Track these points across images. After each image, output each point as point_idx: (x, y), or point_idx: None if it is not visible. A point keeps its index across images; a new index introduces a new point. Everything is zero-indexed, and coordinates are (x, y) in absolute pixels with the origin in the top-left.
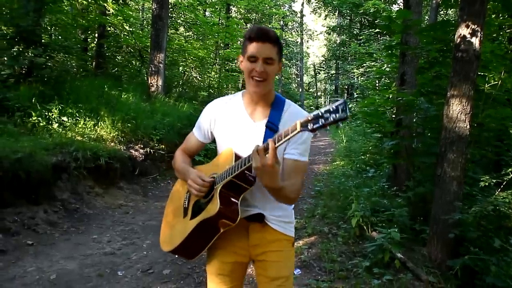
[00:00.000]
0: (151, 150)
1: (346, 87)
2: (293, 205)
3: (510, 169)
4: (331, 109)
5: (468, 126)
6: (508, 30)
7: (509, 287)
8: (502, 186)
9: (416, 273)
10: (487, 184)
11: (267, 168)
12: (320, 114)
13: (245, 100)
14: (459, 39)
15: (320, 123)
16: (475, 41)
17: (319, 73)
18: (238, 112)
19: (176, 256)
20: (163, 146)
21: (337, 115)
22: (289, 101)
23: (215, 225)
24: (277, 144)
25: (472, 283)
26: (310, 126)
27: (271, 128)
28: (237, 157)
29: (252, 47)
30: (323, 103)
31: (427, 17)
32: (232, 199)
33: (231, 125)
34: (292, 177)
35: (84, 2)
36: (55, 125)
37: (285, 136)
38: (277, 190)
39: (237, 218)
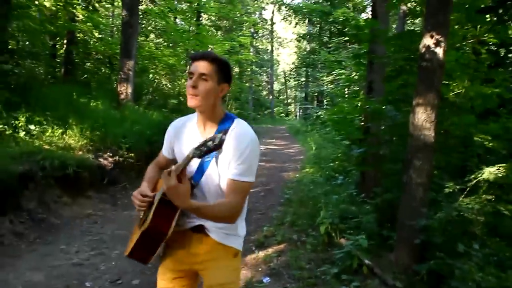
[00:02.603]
0: (120, 159)
1: (316, 94)
2: (241, 218)
3: (473, 176)
4: (211, 139)
5: (433, 134)
6: (471, 41)
7: None
8: (465, 192)
9: (383, 279)
10: (451, 190)
11: (171, 189)
12: (205, 143)
13: (198, 119)
14: (423, 49)
15: (203, 150)
16: (439, 51)
17: (289, 81)
18: (192, 130)
19: (136, 261)
20: (133, 155)
21: (215, 143)
22: (239, 120)
23: (153, 237)
24: (180, 168)
25: (438, 287)
26: (196, 153)
27: None
28: None
29: (192, 65)
30: (293, 110)
31: (395, 26)
32: (168, 214)
33: (184, 142)
34: (228, 196)
35: (53, 8)
36: (22, 134)
37: (182, 162)
38: (194, 210)
39: (167, 233)
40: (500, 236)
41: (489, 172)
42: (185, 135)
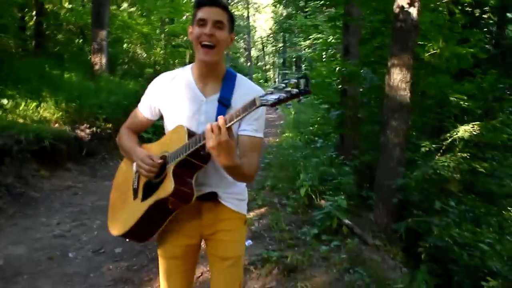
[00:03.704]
0: (98, 130)
1: (294, 59)
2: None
3: (448, 134)
4: (292, 82)
5: (408, 94)
6: (445, 1)
7: (449, 246)
8: (441, 151)
9: (363, 237)
10: (427, 149)
11: (222, 145)
12: (280, 87)
13: (195, 74)
14: (397, 9)
15: (281, 97)
16: (413, 11)
17: (267, 47)
18: (188, 87)
19: (127, 240)
20: (110, 125)
21: (298, 88)
22: (241, 75)
23: (168, 206)
24: (235, 120)
25: (415, 244)
26: (270, 100)
27: (224, 104)
28: (190, 134)
29: (201, 12)
30: (272, 76)
31: None
32: (186, 178)
33: (181, 100)
34: (249, 154)
35: None
36: None
37: (243, 111)
38: (234, 168)
39: (192, 198)
40: (476, 193)
41: (464, 130)
42: (179, 92)
